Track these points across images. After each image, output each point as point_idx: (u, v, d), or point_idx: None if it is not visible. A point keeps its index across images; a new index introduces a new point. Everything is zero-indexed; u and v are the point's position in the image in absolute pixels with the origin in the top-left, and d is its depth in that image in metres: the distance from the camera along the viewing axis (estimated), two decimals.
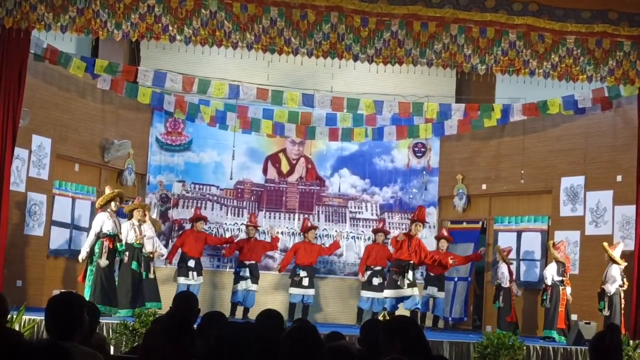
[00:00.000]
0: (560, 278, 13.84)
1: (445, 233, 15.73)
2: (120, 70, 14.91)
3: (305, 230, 15.62)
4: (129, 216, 13.66)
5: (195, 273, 14.89)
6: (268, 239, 15.98)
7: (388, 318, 12.37)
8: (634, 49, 12.49)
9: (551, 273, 13.94)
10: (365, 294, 15.27)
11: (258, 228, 15.74)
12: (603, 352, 5.20)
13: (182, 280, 14.81)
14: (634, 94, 13.64)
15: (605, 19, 12.32)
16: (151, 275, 13.65)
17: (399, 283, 14.45)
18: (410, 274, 14.42)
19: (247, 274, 15.15)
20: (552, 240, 14.68)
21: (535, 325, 15.13)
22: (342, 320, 15.86)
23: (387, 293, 14.61)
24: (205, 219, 15.59)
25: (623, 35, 12.39)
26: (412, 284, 14.44)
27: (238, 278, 15.20)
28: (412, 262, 14.50)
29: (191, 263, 14.90)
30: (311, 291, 15.29)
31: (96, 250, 12.86)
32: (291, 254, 15.53)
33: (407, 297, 14.51)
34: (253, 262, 15.30)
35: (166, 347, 4.73)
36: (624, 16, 12.35)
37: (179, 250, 15.13)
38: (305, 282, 15.21)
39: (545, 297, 13.97)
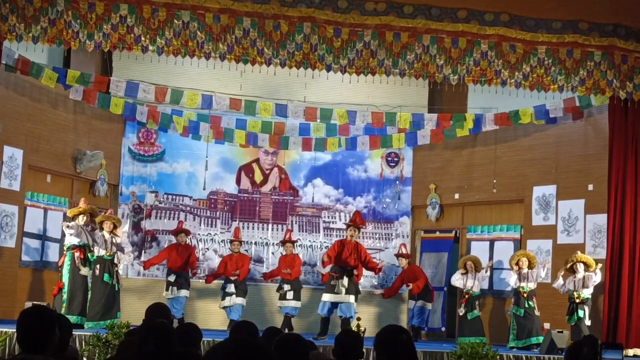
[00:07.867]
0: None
1: (403, 250, 15.70)
2: (93, 81, 14.84)
3: (286, 241, 15.50)
4: (100, 228, 13.56)
5: (175, 288, 14.78)
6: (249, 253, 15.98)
7: (360, 326, 12.34)
8: (605, 59, 12.62)
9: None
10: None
11: (242, 243, 15.67)
12: None
13: (164, 294, 14.71)
14: (605, 104, 13.77)
15: (576, 29, 12.45)
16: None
17: (336, 289, 14.04)
18: (345, 280, 13.99)
19: (232, 289, 15.02)
20: (523, 249, 14.80)
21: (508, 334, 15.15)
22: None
23: (325, 297, 14.21)
24: (187, 232, 15.45)
25: (593, 45, 12.53)
26: (349, 291, 14.00)
27: (224, 294, 15.03)
28: (349, 267, 14.08)
29: (171, 277, 14.83)
30: (293, 303, 15.05)
31: (68, 262, 12.77)
32: (278, 269, 15.42)
33: (343, 303, 14.07)
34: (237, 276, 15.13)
35: (140, 359, 4.71)
36: (594, 26, 12.49)
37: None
38: (290, 295, 15.07)
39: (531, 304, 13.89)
